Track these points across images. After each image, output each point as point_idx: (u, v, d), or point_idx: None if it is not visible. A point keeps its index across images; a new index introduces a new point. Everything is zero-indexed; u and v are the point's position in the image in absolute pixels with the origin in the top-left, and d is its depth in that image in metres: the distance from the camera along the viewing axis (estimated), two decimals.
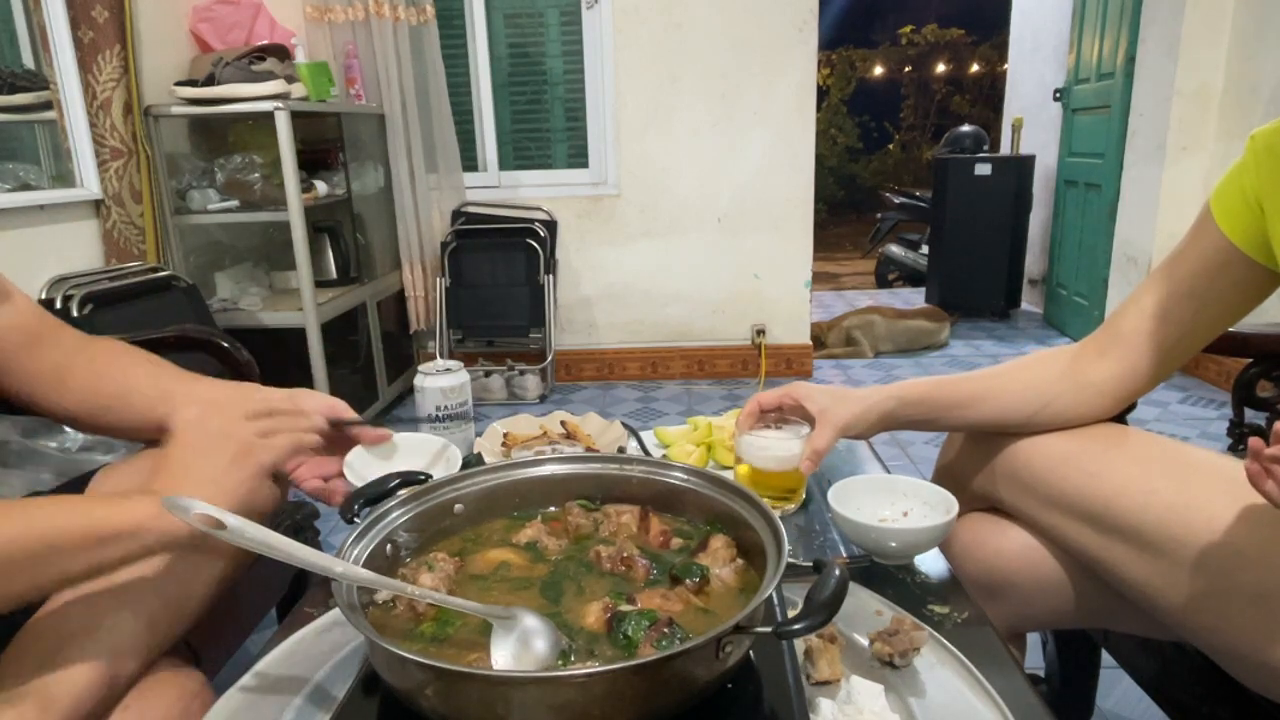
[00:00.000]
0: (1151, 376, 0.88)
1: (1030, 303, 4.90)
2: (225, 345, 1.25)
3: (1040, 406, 0.89)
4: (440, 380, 1.19)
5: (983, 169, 4.45)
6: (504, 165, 3.59)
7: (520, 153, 3.60)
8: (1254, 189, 0.77)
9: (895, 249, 6.34)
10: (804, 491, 0.99)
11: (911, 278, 6.21)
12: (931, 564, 0.85)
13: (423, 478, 0.79)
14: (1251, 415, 1.16)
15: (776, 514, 0.64)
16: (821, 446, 0.89)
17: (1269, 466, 0.57)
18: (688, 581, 0.62)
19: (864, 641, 0.68)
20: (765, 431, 0.96)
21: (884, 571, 0.84)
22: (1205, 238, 0.82)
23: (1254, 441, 0.58)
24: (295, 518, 1.20)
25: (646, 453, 1.09)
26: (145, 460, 0.87)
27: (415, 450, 0.90)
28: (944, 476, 0.99)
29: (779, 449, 0.93)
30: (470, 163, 3.52)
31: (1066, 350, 0.93)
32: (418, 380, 1.21)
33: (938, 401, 0.93)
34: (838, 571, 0.54)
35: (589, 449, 1.06)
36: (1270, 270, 0.79)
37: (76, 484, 0.86)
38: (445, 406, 1.19)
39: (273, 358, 2.40)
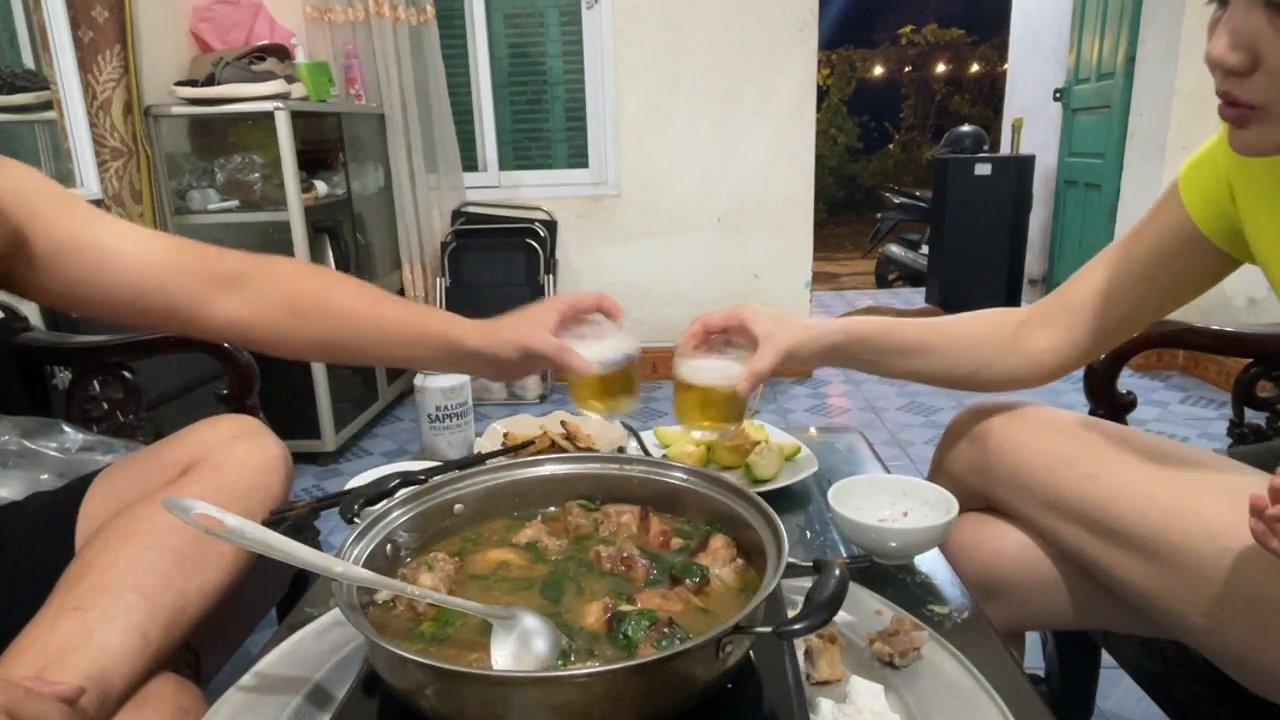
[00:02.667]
0: (1091, 351, 0.91)
1: (1030, 302, 4.90)
2: (226, 346, 1.25)
3: (980, 367, 0.91)
4: (440, 380, 1.20)
5: (983, 169, 4.45)
6: (504, 165, 3.59)
7: (520, 153, 3.60)
8: (1225, 167, 0.77)
9: (895, 249, 6.34)
10: (744, 417, 0.95)
11: (911, 278, 6.21)
12: (931, 564, 0.85)
13: (422, 478, 0.79)
14: (1251, 415, 1.16)
15: (714, 436, 0.62)
16: (762, 368, 0.87)
17: (1273, 525, 0.56)
18: (688, 581, 0.62)
19: (864, 641, 0.68)
20: (708, 354, 0.93)
21: (884, 571, 0.84)
22: (1168, 216, 0.83)
23: (1255, 499, 0.56)
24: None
25: (646, 453, 1.09)
26: (144, 461, 0.87)
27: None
28: (940, 476, 0.99)
29: (719, 368, 0.90)
30: (470, 163, 3.52)
31: (1014, 314, 0.95)
32: (418, 380, 1.21)
33: (884, 345, 0.93)
34: (838, 571, 0.54)
35: (589, 449, 1.06)
36: (1228, 255, 0.80)
37: (78, 486, 0.86)
38: (445, 406, 1.20)
39: (273, 358, 2.39)
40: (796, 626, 0.51)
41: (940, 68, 11.92)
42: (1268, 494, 0.56)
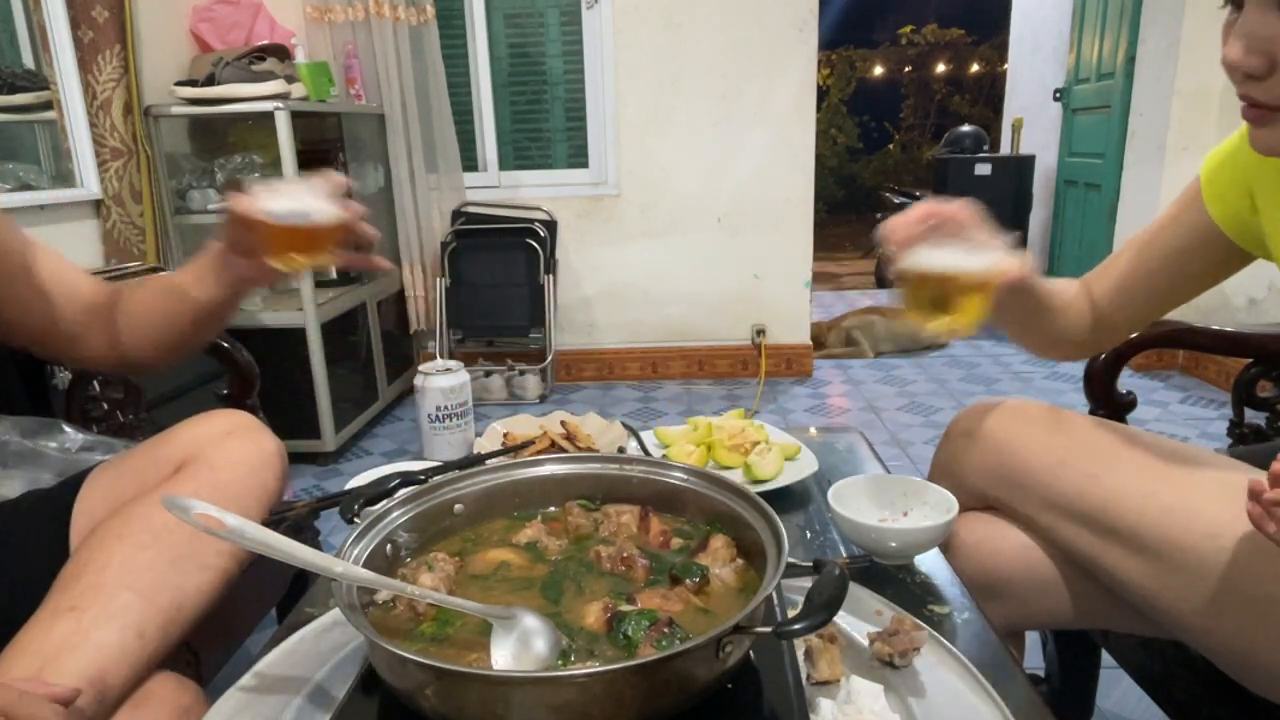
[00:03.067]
0: (1111, 340, 0.99)
1: None
2: (226, 345, 1.25)
3: (1074, 335, 0.94)
4: (440, 380, 1.20)
5: (983, 169, 4.45)
6: (504, 165, 3.59)
7: (520, 153, 3.60)
8: (1246, 166, 0.77)
9: None
10: (983, 319, 0.81)
11: None
12: (931, 564, 0.85)
13: (422, 478, 0.79)
14: (1251, 415, 1.15)
15: (944, 335, 0.59)
16: (1021, 266, 0.78)
17: (1270, 509, 0.56)
18: (688, 581, 0.62)
19: (864, 641, 0.68)
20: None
21: (884, 571, 0.84)
22: (1189, 215, 0.83)
23: (1254, 483, 0.57)
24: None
25: (646, 453, 1.09)
26: (137, 459, 0.87)
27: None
28: (940, 476, 0.99)
29: (965, 255, 0.76)
30: (470, 163, 3.52)
31: (1077, 287, 0.95)
32: (418, 380, 1.21)
33: (1044, 302, 0.89)
34: (838, 571, 0.54)
35: (589, 449, 1.06)
36: (1246, 251, 0.80)
37: (71, 484, 0.86)
38: (445, 406, 1.20)
39: (273, 358, 2.39)
40: (796, 626, 0.51)
41: (940, 68, 11.91)
42: (1267, 479, 0.56)
